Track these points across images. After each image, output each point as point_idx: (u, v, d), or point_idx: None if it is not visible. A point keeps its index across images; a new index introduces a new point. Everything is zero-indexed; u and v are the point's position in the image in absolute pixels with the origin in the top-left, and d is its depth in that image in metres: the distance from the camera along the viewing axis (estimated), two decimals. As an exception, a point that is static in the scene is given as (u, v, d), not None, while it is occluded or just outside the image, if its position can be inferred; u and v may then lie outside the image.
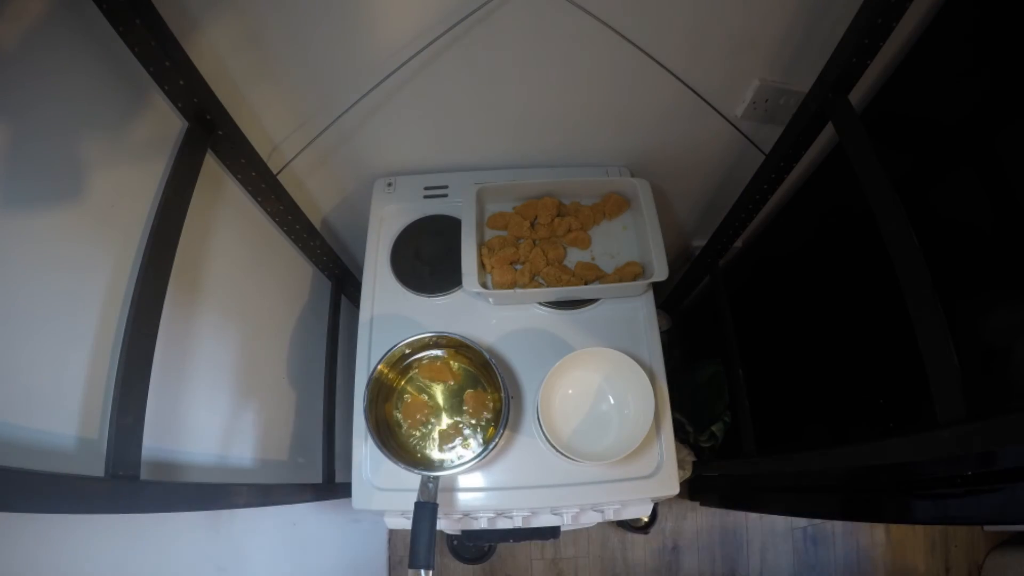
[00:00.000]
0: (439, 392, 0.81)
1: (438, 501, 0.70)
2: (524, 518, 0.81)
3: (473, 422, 0.79)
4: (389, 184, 0.99)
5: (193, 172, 0.68)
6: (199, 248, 0.76)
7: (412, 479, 0.71)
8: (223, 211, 0.81)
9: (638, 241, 0.91)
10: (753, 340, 1.19)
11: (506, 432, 0.75)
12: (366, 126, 0.88)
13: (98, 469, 0.52)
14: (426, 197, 0.98)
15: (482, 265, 0.87)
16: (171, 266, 0.63)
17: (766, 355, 1.21)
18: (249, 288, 0.90)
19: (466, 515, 0.80)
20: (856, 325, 0.92)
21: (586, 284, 0.87)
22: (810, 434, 1.07)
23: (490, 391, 0.80)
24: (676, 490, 0.79)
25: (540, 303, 0.88)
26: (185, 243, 0.65)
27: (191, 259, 0.74)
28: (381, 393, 0.79)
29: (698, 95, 0.85)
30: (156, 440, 0.63)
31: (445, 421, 0.79)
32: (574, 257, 0.91)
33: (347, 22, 0.71)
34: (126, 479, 0.53)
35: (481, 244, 0.89)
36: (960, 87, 0.72)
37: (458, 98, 0.86)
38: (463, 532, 0.85)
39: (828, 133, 0.81)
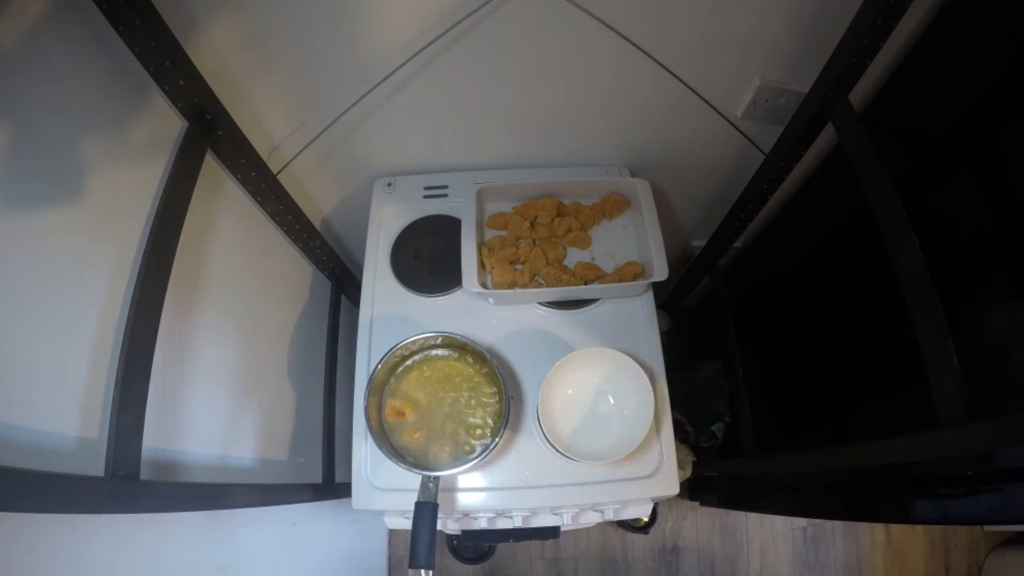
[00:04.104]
0: (439, 392, 0.81)
1: (438, 501, 0.70)
2: (524, 518, 0.81)
3: (474, 422, 0.79)
4: (389, 184, 0.99)
5: (193, 172, 0.68)
6: (199, 248, 0.76)
7: (412, 479, 0.71)
8: (223, 211, 0.81)
9: (638, 241, 0.91)
10: (753, 340, 1.19)
11: (506, 432, 0.75)
12: (366, 126, 0.88)
13: (98, 469, 0.52)
14: (426, 197, 0.98)
15: (482, 265, 0.87)
16: (171, 266, 0.63)
17: (766, 355, 1.21)
18: (249, 288, 0.90)
19: (466, 515, 0.80)
20: (856, 325, 0.92)
21: (586, 284, 0.87)
22: (810, 434, 1.07)
23: (490, 391, 0.80)
24: (676, 490, 0.79)
25: (540, 303, 0.88)
26: (185, 243, 0.65)
27: (191, 259, 0.74)
28: (381, 393, 0.79)
29: (698, 95, 0.85)
30: (156, 440, 0.63)
31: (445, 421, 0.79)
32: (574, 257, 0.91)
33: (347, 22, 0.71)
34: (126, 479, 0.53)
35: (481, 244, 0.89)
36: (960, 87, 0.72)
37: (458, 98, 0.86)
38: (463, 532, 0.85)
39: (828, 133, 0.81)
